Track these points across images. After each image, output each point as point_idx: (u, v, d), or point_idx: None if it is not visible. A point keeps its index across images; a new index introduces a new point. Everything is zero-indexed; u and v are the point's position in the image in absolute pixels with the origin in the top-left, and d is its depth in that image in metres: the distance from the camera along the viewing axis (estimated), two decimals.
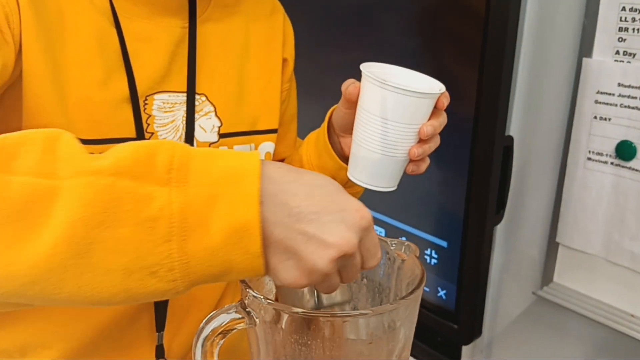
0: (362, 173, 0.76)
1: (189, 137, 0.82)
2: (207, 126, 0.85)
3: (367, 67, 0.73)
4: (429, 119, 0.73)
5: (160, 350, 0.86)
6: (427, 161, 0.78)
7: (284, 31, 0.96)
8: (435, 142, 0.77)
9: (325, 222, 0.53)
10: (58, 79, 0.72)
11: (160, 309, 0.85)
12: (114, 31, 0.77)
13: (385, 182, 0.76)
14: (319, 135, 0.87)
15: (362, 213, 0.55)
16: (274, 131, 0.92)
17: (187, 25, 0.83)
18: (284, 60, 0.96)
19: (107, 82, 0.76)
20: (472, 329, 1.27)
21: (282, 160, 1.00)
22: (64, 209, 0.49)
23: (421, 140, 0.73)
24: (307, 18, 1.39)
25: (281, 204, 0.53)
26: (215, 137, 0.85)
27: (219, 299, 0.93)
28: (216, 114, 0.85)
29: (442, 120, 0.76)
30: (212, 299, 0.91)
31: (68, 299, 0.52)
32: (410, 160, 0.75)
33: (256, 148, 0.90)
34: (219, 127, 0.85)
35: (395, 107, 0.71)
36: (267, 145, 0.91)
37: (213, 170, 0.52)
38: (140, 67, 0.78)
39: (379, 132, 0.72)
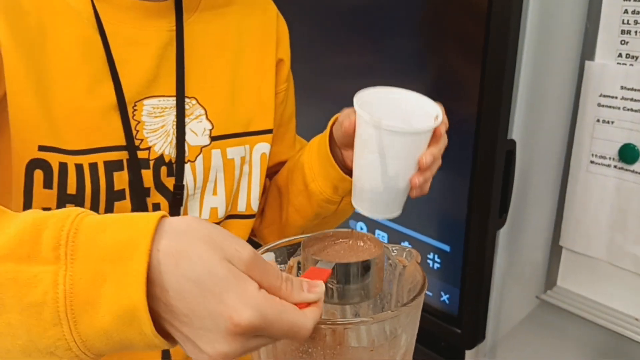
0: (364, 203, 0.77)
1: (180, 142, 0.82)
2: (198, 130, 0.84)
3: (360, 98, 0.73)
4: (428, 146, 0.74)
5: (166, 355, 0.86)
6: (430, 180, 0.79)
7: (278, 30, 0.95)
8: (437, 164, 0.77)
9: (197, 328, 0.48)
10: (43, 92, 0.73)
11: None
12: (99, 38, 0.77)
13: (389, 210, 0.77)
14: (320, 144, 0.87)
15: (235, 320, 0.46)
16: (269, 131, 0.92)
17: (174, 27, 0.83)
18: (280, 61, 0.95)
19: (94, 90, 0.76)
20: (476, 334, 1.27)
21: (283, 163, 0.99)
22: None
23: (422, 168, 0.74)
24: (306, 18, 1.39)
25: (158, 297, 0.48)
26: (207, 140, 0.84)
27: None
28: (207, 117, 0.85)
29: (442, 144, 0.76)
30: None
31: None
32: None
33: (251, 149, 0.89)
34: (211, 130, 0.85)
35: (392, 145, 0.71)
36: (262, 146, 0.91)
37: (101, 244, 0.48)
38: (128, 73, 0.78)
39: (378, 168, 0.72)
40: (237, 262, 0.48)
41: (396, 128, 0.69)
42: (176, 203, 0.83)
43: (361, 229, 1.45)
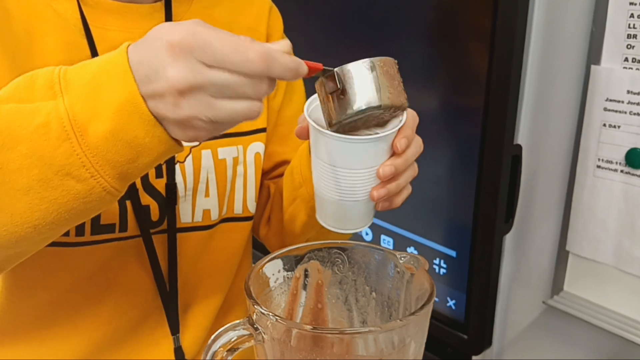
0: (326, 217, 0.72)
1: None
2: None
3: (310, 105, 0.68)
4: (390, 157, 0.68)
5: (179, 353, 0.86)
6: (405, 191, 0.73)
7: (269, 26, 0.94)
8: (409, 175, 0.72)
9: (153, 68, 0.54)
10: None
11: (171, 312, 0.85)
12: (85, 43, 0.77)
13: (352, 224, 0.71)
14: (305, 151, 0.85)
15: (166, 37, 0.53)
16: (262, 130, 0.90)
17: None
18: None
19: None
20: (482, 339, 1.26)
21: (284, 162, 0.97)
22: None
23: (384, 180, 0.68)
24: (309, 17, 1.39)
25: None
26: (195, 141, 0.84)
27: (226, 295, 0.92)
28: None
29: (411, 153, 0.69)
30: (218, 298, 0.92)
31: (10, 232, 0.56)
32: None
33: (244, 150, 0.88)
34: None
35: (340, 154, 0.65)
36: (256, 146, 0.90)
37: (88, 71, 0.56)
38: None
39: (331, 179, 0.67)
40: None
41: (344, 137, 0.64)
42: (169, 203, 0.82)
43: (366, 234, 1.45)
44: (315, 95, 0.68)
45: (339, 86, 0.63)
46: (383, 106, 0.63)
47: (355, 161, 0.66)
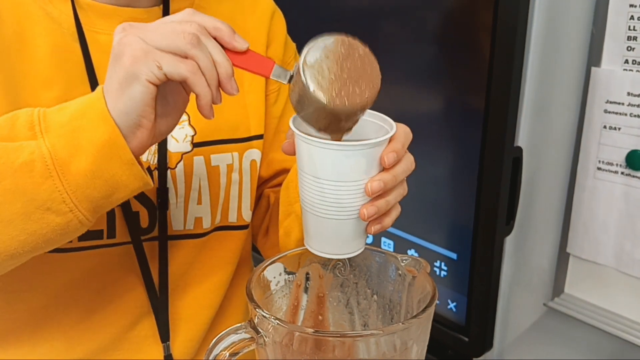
0: (314, 240, 0.65)
1: (162, 148, 0.81)
2: (179, 136, 0.83)
3: (297, 118, 0.64)
4: (380, 171, 0.62)
5: (168, 357, 0.86)
6: (395, 212, 0.67)
7: (270, 30, 0.92)
8: (399, 193, 0.66)
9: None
10: (13, 97, 0.73)
11: (162, 319, 0.85)
12: (77, 46, 0.77)
13: (341, 248, 0.65)
14: None
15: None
16: (259, 137, 0.89)
17: None
18: None
19: (68, 97, 0.75)
20: (483, 342, 1.26)
21: (284, 171, 0.94)
22: None
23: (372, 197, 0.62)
24: (309, 17, 1.39)
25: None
26: (188, 147, 0.83)
27: (220, 303, 0.92)
28: (190, 123, 0.83)
29: (401, 170, 0.64)
30: (210, 306, 0.91)
31: None
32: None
33: (240, 157, 0.87)
34: (192, 136, 0.83)
35: (324, 163, 0.60)
36: (253, 153, 0.88)
37: (68, 113, 0.60)
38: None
39: (316, 193, 0.62)
40: None
41: (325, 141, 0.60)
42: (161, 207, 0.81)
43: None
44: None
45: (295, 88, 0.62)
46: (330, 37, 0.61)
47: (341, 172, 0.61)
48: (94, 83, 0.77)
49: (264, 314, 0.57)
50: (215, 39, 0.61)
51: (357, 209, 0.62)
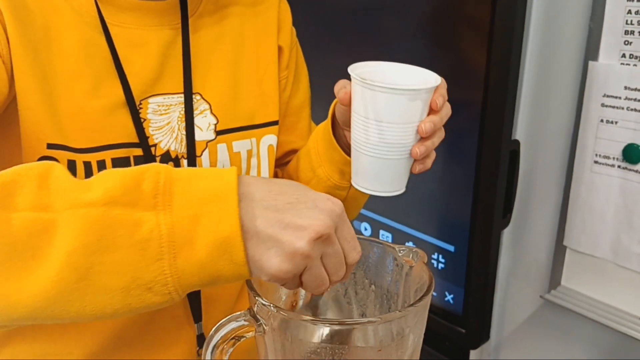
0: (364, 179, 0.73)
1: (190, 138, 0.82)
2: (203, 125, 0.84)
3: (355, 69, 0.71)
4: (428, 114, 0.71)
5: (201, 340, 0.88)
6: (433, 155, 0.76)
7: (279, 17, 0.94)
8: (439, 136, 0.75)
9: (300, 209, 0.57)
10: (49, 92, 0.74)
11: (194, 301, 0.87)
12: (102, 40, 0.77)
13: (389, 186, 0.73)
14: (325, 128, 0.86)
15: (334, 201, 0.58)
16: (275, 123, 0.91)
17: (177, 25, 0.83)
18: (279, 48, 0.94)
19: (97, 91, 0.76)
20: (480, 333, 1.27)
21: (292, 151, 0.98)
22: (63, 239, 0.53)
23: (422, 138, 0.71)
24: (313, 18, 1.39)
25: (258, 201, 0.57)
26: (212, 135, 0.85)
27: (243, 285, 0.93)
28: (211, 112, 0.85)
29: (445, 113, 0.74)
30: (237, 285, 0.93)
31: (76, 317, 0.57)
32: (415, 160, 0.73)
33: (257, 142, 0.89)
34: (215, 125, 0.85)
35: (387, 107, 0.68)
36: (269, 138, 0.91)
37: (194, 192, 0.56)
38: (133, 73, 0.79)
39: (375, 135, 0.70)
40: None
41: (389, 86, 0.67)
42: None
43: (365, 229, 1.46)
44: (356, 64, 0.72)
45: None
46: None
47: (403, 115, 0.69)
48: (121, 75, 0.78)
49: (264, 302, 0.58)
50: None
51: (409, 149, 0.71)
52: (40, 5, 0.75)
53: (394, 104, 0.68)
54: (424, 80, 0.72)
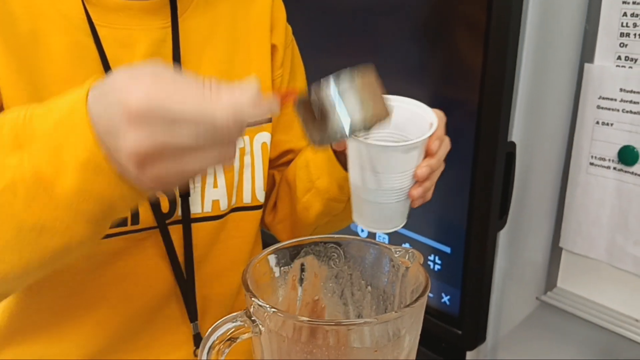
0: (365, 219, 0.75)
1: None
2: None
3: None
4: (425, 157, 0.72)
5: (198, 340, 0.88)
6: (433, 186, 0.78)
7: (272, 16, 0.94)
8: (438, 172, 0.76)
9: (110, 129, 0.51)
10: (37, 97, 0.73)
11: (190, 300, 0.87)
12: (91, 42, 0.77)
13: (391, 223, 0.75)
14: None
15: (125, 103, 0.50)
16: (268, 120, 0.91)
17: (167, 24, 0.82)
18: (273, 47, 0.94)
19: None
20: (476, 335, 1.27)
21: (289, 151, 0.98)
22: None
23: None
24: (309, 18, 1.39)
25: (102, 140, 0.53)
26: None
27: (240, 284, 0.93)
28: None
29: (443, 152, 0.74)
30: (234, 285, 0.93)
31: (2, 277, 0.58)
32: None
33: (251, 140, 0.89)
34: None
35: (382, 161, 0.69)
36: (263, 136, 0.91)
37: (51, 121, 0.54)
38: None
39: (372, 183, 0.71)
40: None
41: (384, 144, 0.68)
42: (182, 193, 0.83)
43: (362, 230, 1.46)
44: None
45: (316, 116, 0.61)
46: (367, 127, 0.62)
47: (398, 166, 0.70)
48: None
49: (260, 303, 0.58)
50: None
51: (407, 191, 0.72)
52: (26, 11, 0.75)
53: (389, 158, 0.69)
54: (421, 119, 0.72)
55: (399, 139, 0.73)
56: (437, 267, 1.30)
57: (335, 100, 0.60)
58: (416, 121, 0.73)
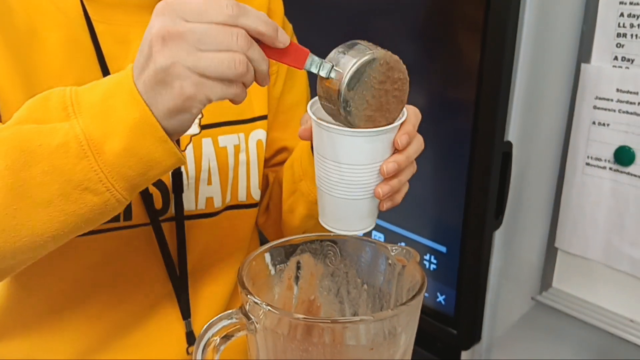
0: (329, 218, 0.71)
1: None
2: None
3: (315, 104, 0.68)
4: (393, 153, 0.68)
5: (191, 337, 0.88)
6: (405, 189, 0.73)
7: (270, 10, 0.94)
8: (408, 172, 0.72)
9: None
10: (33, 92, 0.73)
11: (183, 297, 0.87)
12: (87, 37, 0.77)
13: (355, 225, 0.71)
14: (307, 144, 0.84)
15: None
16: (263, 117, 0.91)
17: None
18: None
19: None
20: (472, 334, 1.27)
21: (284, 149, 0.97)
22: None
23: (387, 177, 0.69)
24: (307, 18, 1.39)
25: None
26: (196, 129, 0.84)
27: (234, 283, 0.93)
28: None
29: (413, 150, 0.70)
30: (228, 283, 0.93)
31: (30, 241, 0.60)
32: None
33: (246, 137, 0.89)
34: (200, 119, 0.84)
35: (344, 149, 0.65)
36: (258, 133, 0.90)
37: (98, 92, 0.60)
38: (118, 70, 0.79)
39: (335, 175, 0.67)
40: None
41: (347, 130, 0.64)
42: (176, 190, 0.83)
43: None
44: (317, 97, 0.68)
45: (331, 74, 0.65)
46: (377, 57, 0.68)
47: (359, 156, 0.66)
48: (106, 73, 0.78)
49: (255, 300, 0.57)
50: (257, 39, 0.61)
51: (373, 188, 0.68)
52: (24, 6, 0.75)
53: (352, 145, 0.65)
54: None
55: None
56: (432, 266, 1.30)
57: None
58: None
